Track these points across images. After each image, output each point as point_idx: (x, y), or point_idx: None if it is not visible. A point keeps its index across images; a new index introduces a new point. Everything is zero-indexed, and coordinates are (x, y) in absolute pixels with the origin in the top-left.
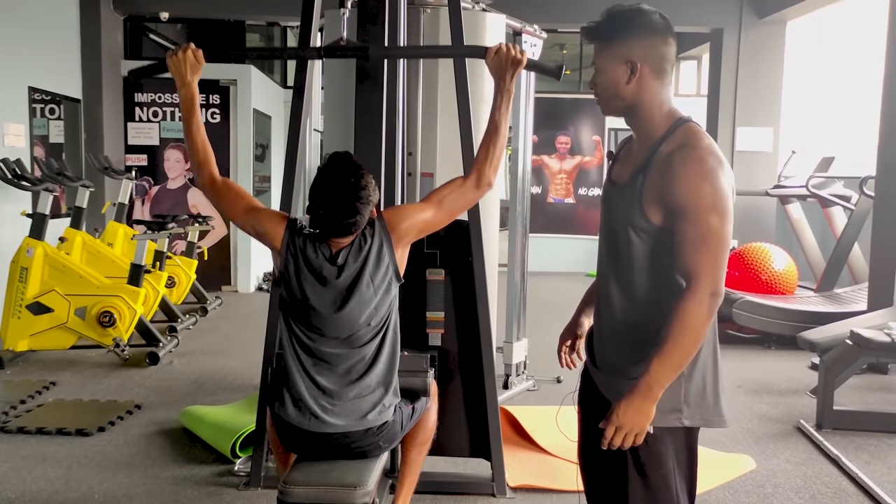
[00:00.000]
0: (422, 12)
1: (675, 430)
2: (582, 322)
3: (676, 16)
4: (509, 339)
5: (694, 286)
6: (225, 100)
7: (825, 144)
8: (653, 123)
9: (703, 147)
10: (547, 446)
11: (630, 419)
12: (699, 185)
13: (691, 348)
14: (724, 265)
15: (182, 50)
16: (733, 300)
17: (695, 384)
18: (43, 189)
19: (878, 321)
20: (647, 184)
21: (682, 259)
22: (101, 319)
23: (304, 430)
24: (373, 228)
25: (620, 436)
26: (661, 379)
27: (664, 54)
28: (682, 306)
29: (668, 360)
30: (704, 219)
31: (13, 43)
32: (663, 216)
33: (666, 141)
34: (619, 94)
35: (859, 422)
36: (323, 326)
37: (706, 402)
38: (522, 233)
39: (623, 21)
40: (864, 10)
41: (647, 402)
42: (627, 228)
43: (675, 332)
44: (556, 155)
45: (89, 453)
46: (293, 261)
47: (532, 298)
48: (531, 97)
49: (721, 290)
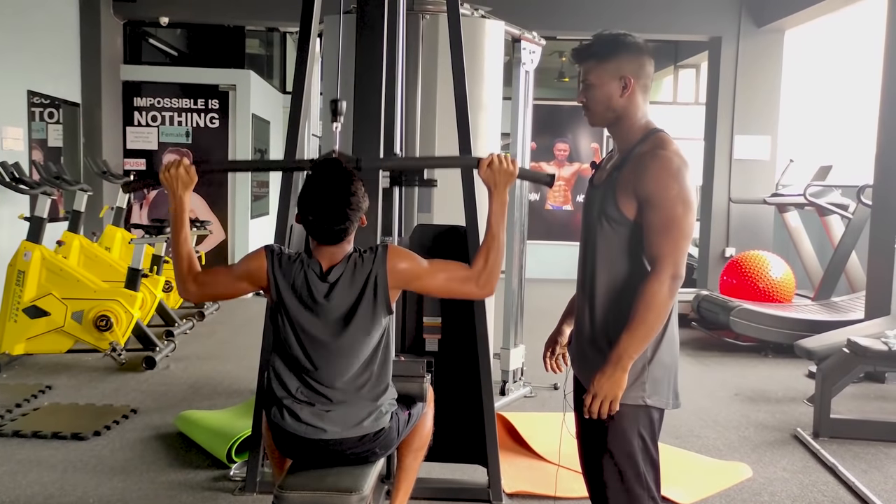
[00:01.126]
0: (421, 18)
1: (637, 409)
2: (563, 330)
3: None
4: (506, 346)
5: (657, 269)
6: (224, 104)
7: (823, 153)
8: (632, 132)
9: (671, 150)
10: (544, 453)
11: (604, 387)
12: (666, 180)
13: (655, 324)
14: (685, 251)
15: (174, 166)
16: (731, 308)
17: (657, 367)
18: (41, 193)
19: (875, 330)
20: (620, 178)
21: (649, 245)
22: (97, 323)
23: (300, 436)
24: (374, 255)
25: (597, 403)
26: (629, 350)
27: (648, 73)
28: (647, 287)
29: (634, 334)
30: (670, 208)
31: (13, 47)
32: (635, 209)
33: (640, 145)
34: (610, 107)
35: (856, 430)
36: (317, 350)
37: (666, 384)
38: (520, 239)
39: (615, 42)
40: (862, 20)
41: (618, 371)
42: (602, 219)
43: (641, 309)
44: (555, 162)
45: (85, 457)
46: (281, 285)
47: (529, 305)
48: (530, 103)
49: (681, 273)
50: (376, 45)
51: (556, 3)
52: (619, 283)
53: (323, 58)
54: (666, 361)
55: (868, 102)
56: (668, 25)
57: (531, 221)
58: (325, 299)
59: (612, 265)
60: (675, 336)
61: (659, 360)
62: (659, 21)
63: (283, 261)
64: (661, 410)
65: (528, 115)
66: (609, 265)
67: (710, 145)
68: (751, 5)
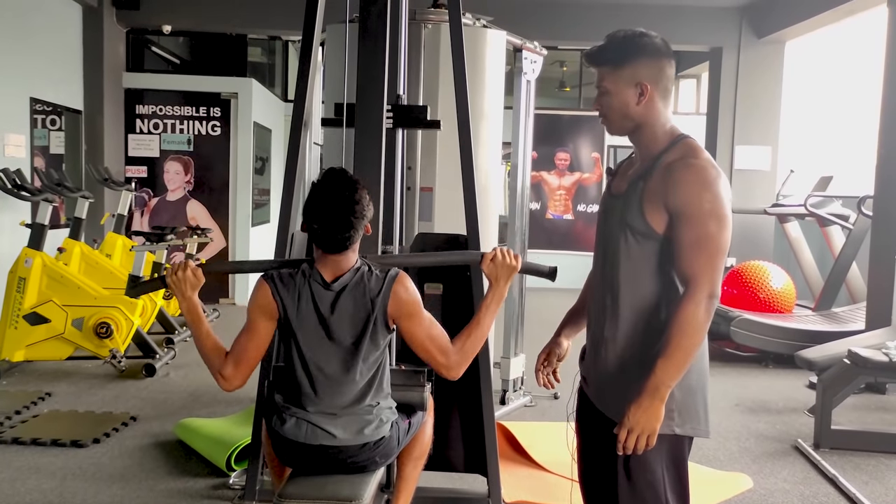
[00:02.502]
0: (423, 28)
1: (662, 437)
2: (561, 342)
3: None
4: (507, 355)
5: (692, 289)
6: (226, 112)
7: (823, 163)
8: (655, 140)
9: (703, 158)
10: (543, 462)
11: (640, 420)
12: (700, 192)
13: (692, 349)
14: (721, 269)
15: (181, 269)
16: (731, 318)
17: (686, 392)
18: (42, 199)
19: (875, 341)
20: (647, 189)
21: (681, 262)
22: (98, 330)
23: (300, 443)
24: (384, 276)
25: (633, 438)
26: (666, 379)
27: (669, 76)
28: (682, 309)
29: (671, 361)
30: (704, 223)
31: (16, 54)
32: (665, 223)
33: (667, 153)
34: (628, 115)
35: (857, 441)
36: (322, 362)
37: (696, 410)
38: (521, 248)
39: (631, 45)
40: (862, 31)
41: (655, 402)
42: (626, 232)
43: (677, 334)
44: (556, 171)
45: (84, 465)
46: (287, 298)
47: (530, 314)
48: (531, 113)
49: (718, 291)
50: (378, 55)
51: (557, 13)
52: (648, 303)
53: (325, 66)
54: (694, 385)
55: (869, 113)
56: (670, 35)
57: (532, 230)
58: (329, 310)
59: (638, 283)
60: (705, 357)
61: (686, 385)
62: (660, 31)
63: (284, 278)
64: (690, 438)
65: (530, 125)
66: (635, 283)
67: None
68: (751, 16)
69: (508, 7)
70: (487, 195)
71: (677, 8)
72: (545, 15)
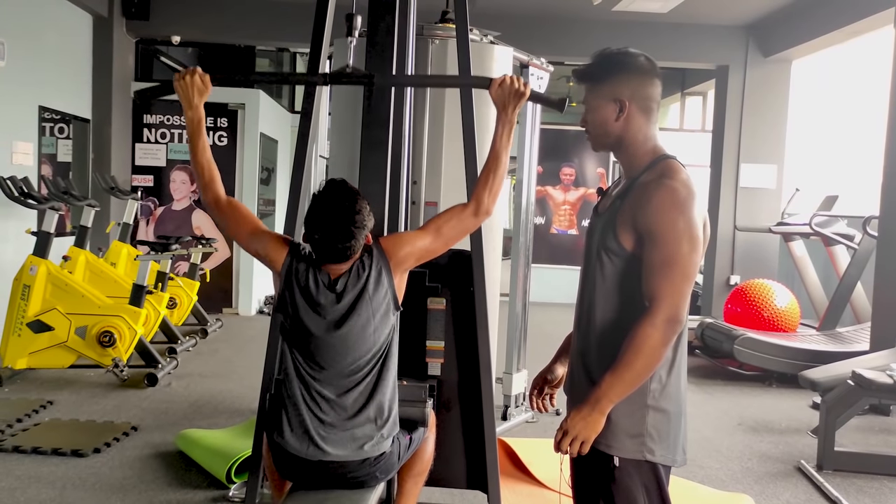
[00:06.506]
0: (430, 43)
1: (641, 465)
2: (554, 369)
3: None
4: (509, 370)
5: (652, 310)
6: (233, 123)
7: (829, 183)
8: (637, 157)
9: (678, 179)
10: (544, 479)
11: (577, 426)
12: (670, 212)
13: (643, 371)
14: (687, 294)
15: (189, 74)
16: (735, 336)
17: (660, 419)
18: (49, 207)
19: (880, 362)
20: (622, 208)
21: (647, 283)
22: (101, 339)
23: (301, 458)
24: (370, 256)
25: (567, 441)
26: (609, 394)
27: (650, 94)
28: (638, 328)
29: (618, 378)
30: (673, 245)
31: (26, 62)
32: (634, 241)
33: (646, 172)
34: (607, 131)
35: (861, 464)
36: (322, 353)
37: (669, 437)
38: (525, 263)
39: (612, 62)
40: (868, 50)
41: (594, 413)
42: (601, 251)
43: (629, 352)
44: (561, 186)
45: (84, 475)
46: (293, 285)
47: (533, 329)
48: (537, 128)
49: (681, 317)
50: (386, 70)
51: (564, 29)
52: (618, 322)
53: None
54: (670, 411)
55: (874, 133)
56: (676, 53)
57: (536, 245)
58: (333, 305)
59: (609, 302)
60: (682, 382)
61: (661, 410)
62: (667, 49)
63: (300, 263)
64: (666, 467)
65: (535, 140)
66: (606, 301)
67: (716, 173)
68: (758, 35)
69: (515, 23)
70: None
71: (684, 26)
72: (552, 31)
